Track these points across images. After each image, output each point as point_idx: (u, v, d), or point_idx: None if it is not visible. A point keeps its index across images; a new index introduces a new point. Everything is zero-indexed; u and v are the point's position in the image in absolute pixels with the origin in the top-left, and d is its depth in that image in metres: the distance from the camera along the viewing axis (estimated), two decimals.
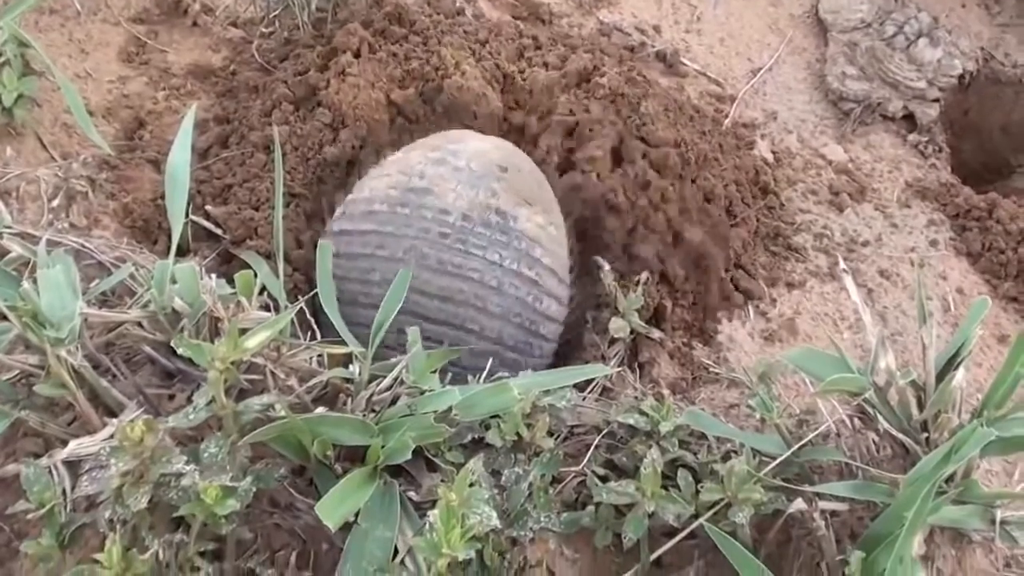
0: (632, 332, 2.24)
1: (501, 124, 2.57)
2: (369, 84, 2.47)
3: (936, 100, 3.27)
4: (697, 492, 1.60)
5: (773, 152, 3.08)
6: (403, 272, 1.93)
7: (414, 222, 2.14)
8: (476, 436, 1.63)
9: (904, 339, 2.54)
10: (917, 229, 2.93)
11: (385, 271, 2.08)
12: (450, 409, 1.57)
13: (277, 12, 2.83)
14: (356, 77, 2.46)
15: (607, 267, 2.28)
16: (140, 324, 1.65)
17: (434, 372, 1.67)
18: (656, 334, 2.28)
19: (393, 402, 1.61)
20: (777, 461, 1.65)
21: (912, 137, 3.24)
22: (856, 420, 1.75)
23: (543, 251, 2.20)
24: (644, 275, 2.30)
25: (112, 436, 1.37)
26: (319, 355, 1.71)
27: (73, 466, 1.40)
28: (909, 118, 3.28)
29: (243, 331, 1.45)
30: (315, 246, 2.14)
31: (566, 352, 2.35)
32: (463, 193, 2.17)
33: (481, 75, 2.55)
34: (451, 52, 2.55)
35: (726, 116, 3.15)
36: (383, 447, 1.47)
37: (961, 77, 3.33)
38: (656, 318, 2.36)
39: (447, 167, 2.20)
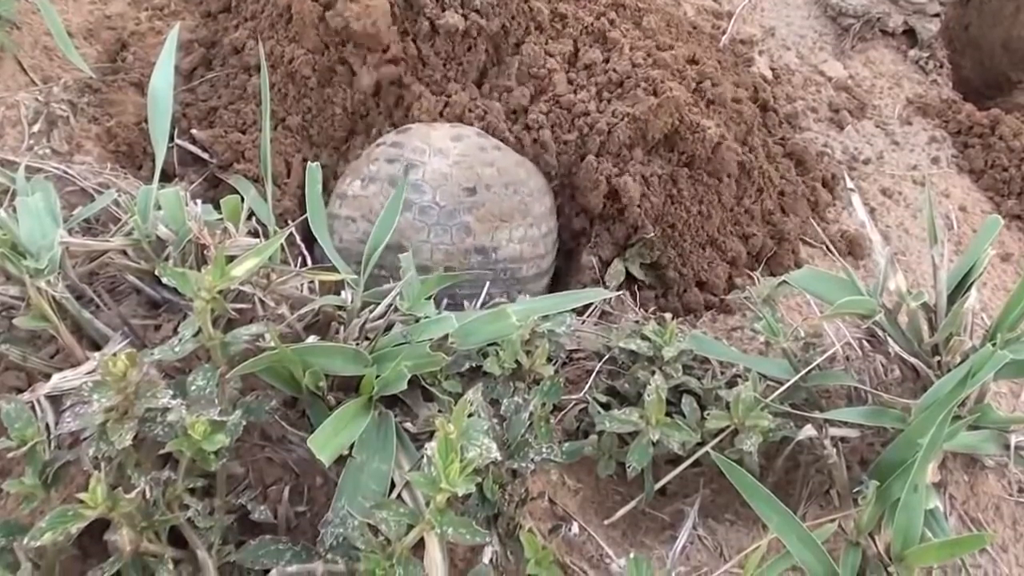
0: None
1: None
2: None
3: (937, 15, 3.21)
4: (703, 419, 1.57)
5: (772, 69, 3.02)
6: (399, 188, 1.87)
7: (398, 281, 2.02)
8: (474, 364, 1.59)
9: (907, 258, 2.50)
10: (919, 146, 2.89)
11: None
12: (446, 337, 1.53)
13: None
14: None
15: None
16: (124, 252, 1.60)
17: (429, 299, 1.62)
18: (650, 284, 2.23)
19: (387, 330, 1.57)
20: (785, 387, 1.62)
21: (913, 53, 3.18)
22: (865, 343, 1.72)
23: (528, 265, 2.13)
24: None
25: (95, 370, 1.32)
26: (310, 282, 1.65)
27: (57, 401, 1.36)
28: (909, 33, 3.23)
29: (231, 258, 1.40)
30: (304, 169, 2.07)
31: (563, 273, 2.30)
32: (438, 243, 2.05)
33: None
34: None
35: (723, 32, 3.08)
36: (377, 377, 1.42)
37: None
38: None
39: (413, 211, 2.05)
